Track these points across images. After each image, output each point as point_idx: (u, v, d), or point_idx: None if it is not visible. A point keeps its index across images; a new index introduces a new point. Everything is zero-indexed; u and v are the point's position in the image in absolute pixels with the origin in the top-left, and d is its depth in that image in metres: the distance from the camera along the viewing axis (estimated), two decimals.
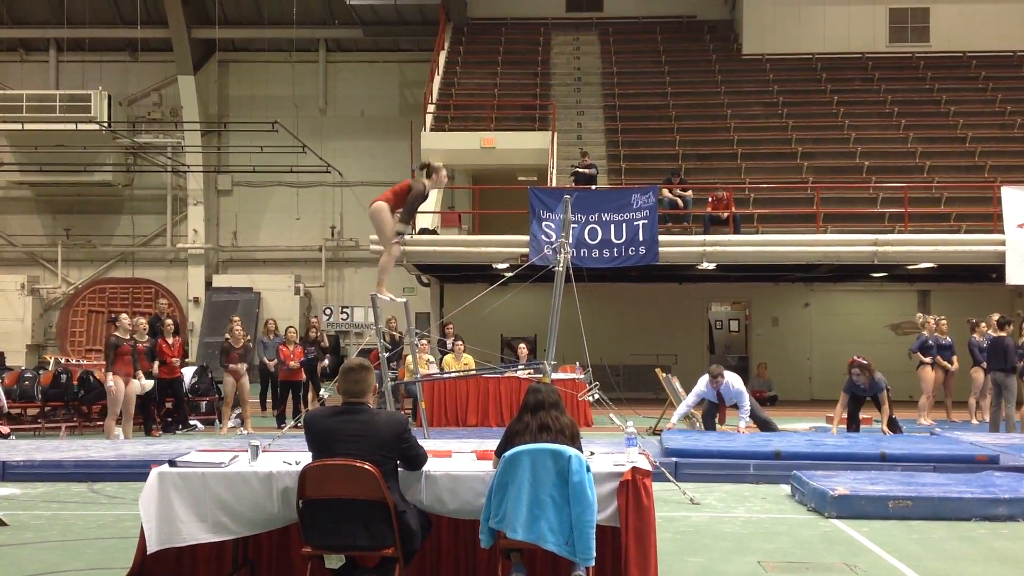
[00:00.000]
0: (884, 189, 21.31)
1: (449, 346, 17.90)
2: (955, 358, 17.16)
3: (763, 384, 22.83)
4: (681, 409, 14.14)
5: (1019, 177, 21.12)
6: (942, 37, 27.43)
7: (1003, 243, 19.05)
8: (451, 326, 18.76)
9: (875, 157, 23.00)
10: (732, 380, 13.77)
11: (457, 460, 6.37)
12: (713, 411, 14.23)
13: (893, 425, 13.61)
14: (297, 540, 5.89)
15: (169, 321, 16.61)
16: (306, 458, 5.74)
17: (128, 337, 14.48)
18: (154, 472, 5.99)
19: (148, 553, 5.92)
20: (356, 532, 5.43)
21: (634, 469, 5.89)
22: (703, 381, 13.81)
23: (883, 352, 19.34)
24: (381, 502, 5.40)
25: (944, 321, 17.31)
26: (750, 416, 13.68)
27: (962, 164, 22.82)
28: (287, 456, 6.39)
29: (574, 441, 5.68)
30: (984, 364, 16.19)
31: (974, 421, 16.76)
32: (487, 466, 5.97)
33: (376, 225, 9.79)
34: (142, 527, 5.93)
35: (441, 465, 6.08)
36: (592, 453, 6.21)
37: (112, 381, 14.09)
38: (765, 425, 14.08)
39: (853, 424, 13.79)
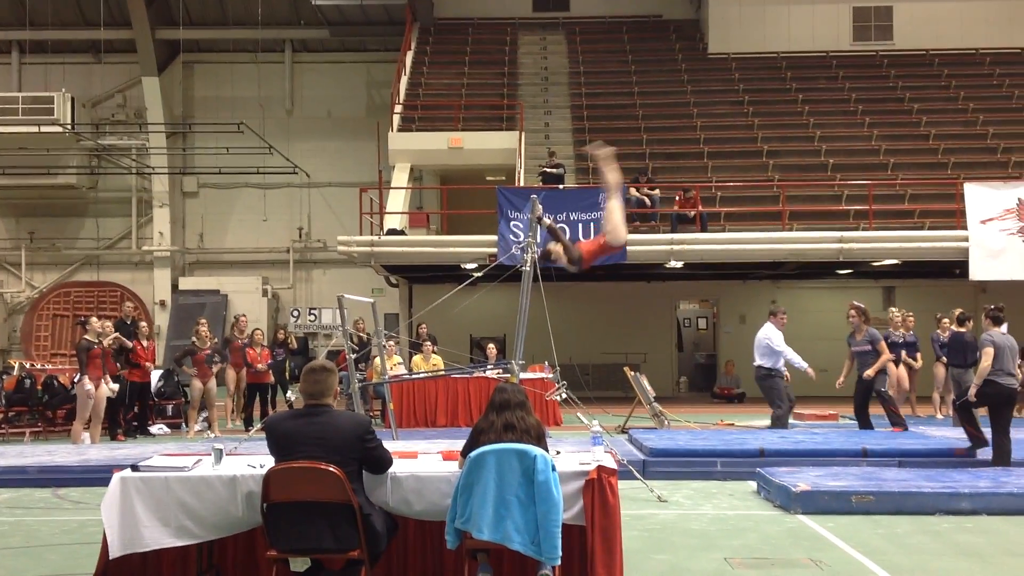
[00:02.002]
0: (849, 187, 21.47)
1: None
2: (919, 354, 17.27)
3: (731, 381, 22.98)
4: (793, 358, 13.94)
5: (982, 174, 21.38)
6: (905, 36, 27.67)
7: (966, 239, 19.29)
8: (424, 326, 18.73)
9: (840, 155, 23.18)
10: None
11: (423, 461, 6.35)
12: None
13: (863, 418, 13.59)
14: (263, 543, 5.84)
15: (144, 324, 16.54)
16: (271, 461, 5.70)
17: (98, 340, 14.36)
18: (116, 477, 5.94)
19: (111, 559, 5.87)
20: (321, 535, 5.40)
21: (600, 468, 5.90)
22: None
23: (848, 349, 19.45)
24: (346, 504, 5.38)
25: (911, 317, 17.42)
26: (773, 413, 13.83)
27: (926, 161, 23.02)
28: (252, 459, 6.35)
29: (540, 441, 5.68)
30: (944, 359, 16.35)
31: (939, 416, 16.92)
32: (453, 467, 5.96)
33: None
34: (104, 532, 5.88)
35: (407, 466, 6.06)
36: (558, 452, 6.22)
37: (89, 385, 13.96)
38: (778, 421, 14.11)
39: (863, 417, 13.64)
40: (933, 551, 7.53)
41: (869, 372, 13.26)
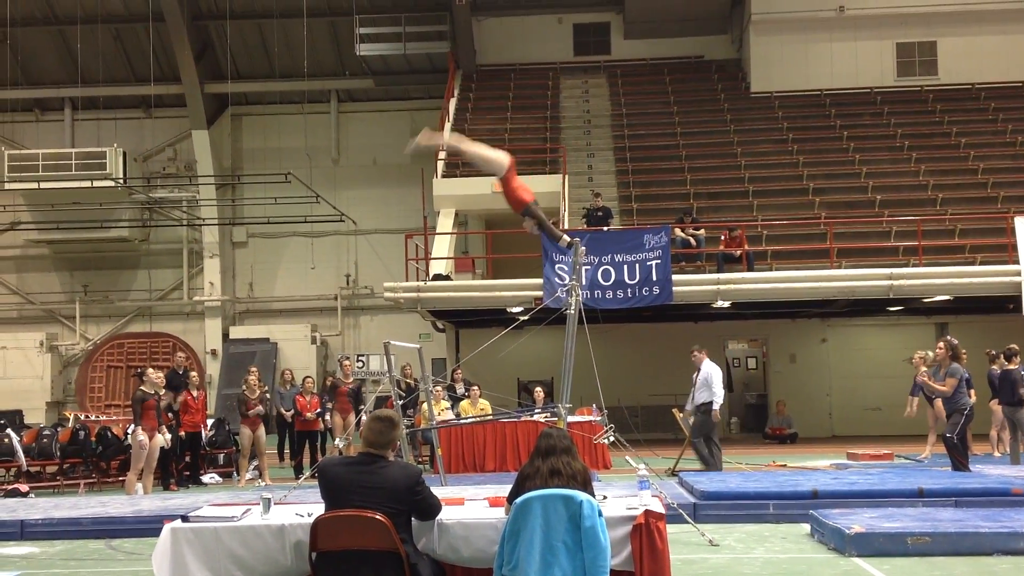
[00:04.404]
0: (897, 222, 21.28)
1: (460, 391, 17.87)
2: (972, 391, 16.91)
3: (783, 421, 22.71)
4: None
5: None
6: (950, 70, 27.48)
7: (1019, 273, 19.00)
8: (459, 371, 18.75)
9: (887, 191, 23.00)
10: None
11: (470, 507, 6.35)
12: None
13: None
14: None
15: (194, 374, 16.74)
16: (319, 510, 5.73)
17: (154, 392, 14.52)
18: (167, 528, 5.99)
19: None
20: None
21: (647, 512, 5.86)
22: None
23: (902, 386, 19.15)
24: (394, 552, 5.39)
25: (964, 353, 17.08)
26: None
27: (975, 195, 22.79)
28: (300, 508, 6.37)
29: (586, 486, 5.64)
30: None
31: (996, 454, 16.59)
32: (499, 513, 5.94)
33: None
34: None
35: (454, 513, 6.06)
36: (605, 497, 6.18)
37: (143, 436, 14.10)
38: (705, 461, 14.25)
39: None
40: None
41: (930, 384, 13.15)
